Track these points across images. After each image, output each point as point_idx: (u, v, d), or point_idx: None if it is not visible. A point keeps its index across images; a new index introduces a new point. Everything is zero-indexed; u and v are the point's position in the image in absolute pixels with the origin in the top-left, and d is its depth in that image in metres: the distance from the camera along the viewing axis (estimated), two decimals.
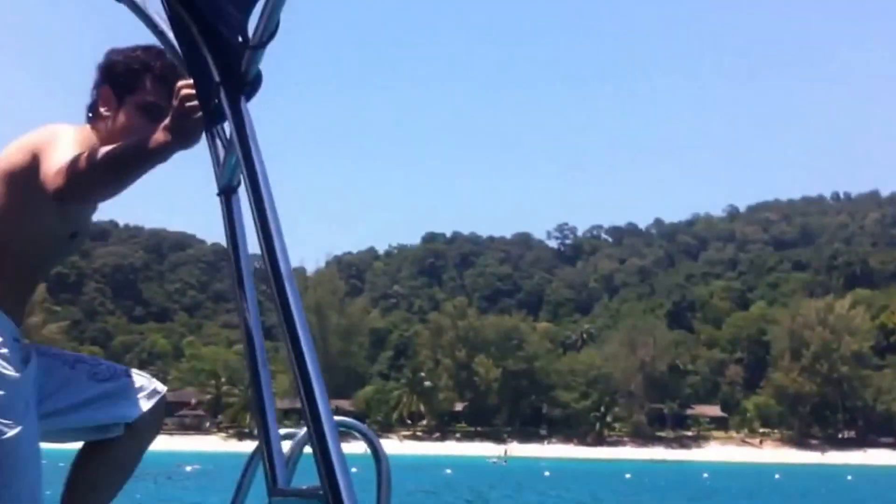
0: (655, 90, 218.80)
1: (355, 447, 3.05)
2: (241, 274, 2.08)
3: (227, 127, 2.37)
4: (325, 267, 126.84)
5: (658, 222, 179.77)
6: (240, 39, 2.15)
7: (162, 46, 2.86)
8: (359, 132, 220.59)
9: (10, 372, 3.04)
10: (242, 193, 2.29)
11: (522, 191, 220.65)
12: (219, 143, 2.53)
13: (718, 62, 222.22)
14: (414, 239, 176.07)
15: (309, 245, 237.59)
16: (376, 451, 4.13)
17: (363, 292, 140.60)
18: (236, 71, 2.15)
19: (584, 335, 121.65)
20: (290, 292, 1.76)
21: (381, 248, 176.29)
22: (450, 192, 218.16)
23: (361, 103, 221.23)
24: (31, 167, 2.96)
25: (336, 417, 1.91)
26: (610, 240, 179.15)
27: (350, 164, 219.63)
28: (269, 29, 2.02)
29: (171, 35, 2.60)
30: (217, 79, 2.18)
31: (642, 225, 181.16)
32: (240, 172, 2.18)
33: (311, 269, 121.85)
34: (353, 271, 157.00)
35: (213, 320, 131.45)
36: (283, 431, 2.47)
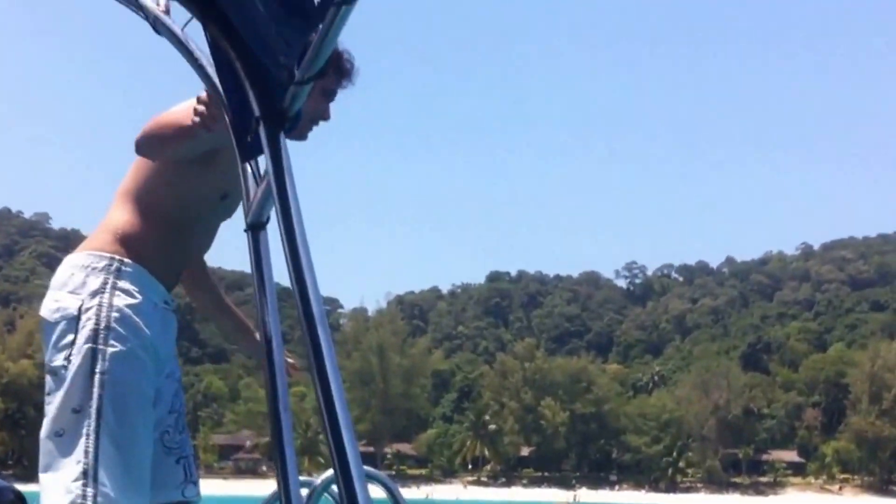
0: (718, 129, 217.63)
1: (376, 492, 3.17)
2: (267, 314, 2.12)
3: (262, 162, 2.50)
4: (387, 307, 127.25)
5: (730, 261, 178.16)
6: (286, 75, 2.10)
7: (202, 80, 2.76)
8: (420, 165, 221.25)
9: (143, 328, 3.18)
10: (270, 230, 2.36)
11: (590, 228, 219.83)
12: (250, 178, 2.61)
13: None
14: (479, 278, 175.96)
15: (370, 285, 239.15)
16: (396, 502, 4.27)
17: (426, 333, 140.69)
18: (278, 106, 2.14)
19: (656, 377, 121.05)
20: (321, 332, 1.62)
21: (445, 288, 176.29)
22: (515, 229, 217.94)
23: (426, 138, 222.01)
24: None
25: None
26: (681, 279, 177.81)
27: (412, 202, 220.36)
28: (317, 65, 1.98)
29: (210, 69, 2.60)
30: (257, 113, 2.17)
31: (713, 264, 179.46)
32: (269, 209, 2.24)
33: (372, 309, 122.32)
34: (415, 311, 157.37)
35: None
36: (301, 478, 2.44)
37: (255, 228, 2.28)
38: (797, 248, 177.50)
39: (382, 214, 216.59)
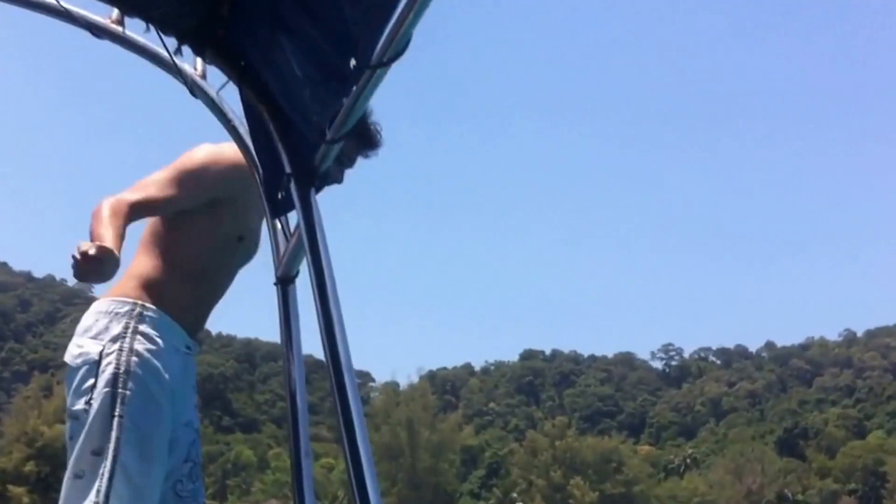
0: (777, 208, 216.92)
1: None
2: (293, 365, 2.41)
3: (292, 218, 2.72)
4: (419, 382, 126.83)
5: (769, 345, 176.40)
6: (318, 134, 2.31)
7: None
8: (453, 246, 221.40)
9: (162, 373, 3.27)
10: (299, 284, 2.69)
11: (627, 309, 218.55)
12: (280, 233, 2.87)
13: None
14: (512, 356, 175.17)
15: (403, 360, 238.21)
16: None
17: (457, 409, 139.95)
18: (309, 164, 2.36)
19: (688, 460, 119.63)
20: (348, 383, 1.78)
21: (478, 365, 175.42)
22: (550, 307, 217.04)
23: (458, 215, 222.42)
24: None
25: None
26: (718, 362, 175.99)
27: (447, 277, 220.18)
28: (349, 125, 2.19)
29: (242, 131, 2.92)
30: (288, 171, 2.41)
31: (753, 348, 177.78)
32: (298, 263, 2.59)
33: (403, 383, 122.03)
34: (447, 387, 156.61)
35: None
36: None
37: (285, 282, 2.58)
38: (840, 335, 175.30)
39: (417, 290, 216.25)
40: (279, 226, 2.82)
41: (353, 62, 2.13)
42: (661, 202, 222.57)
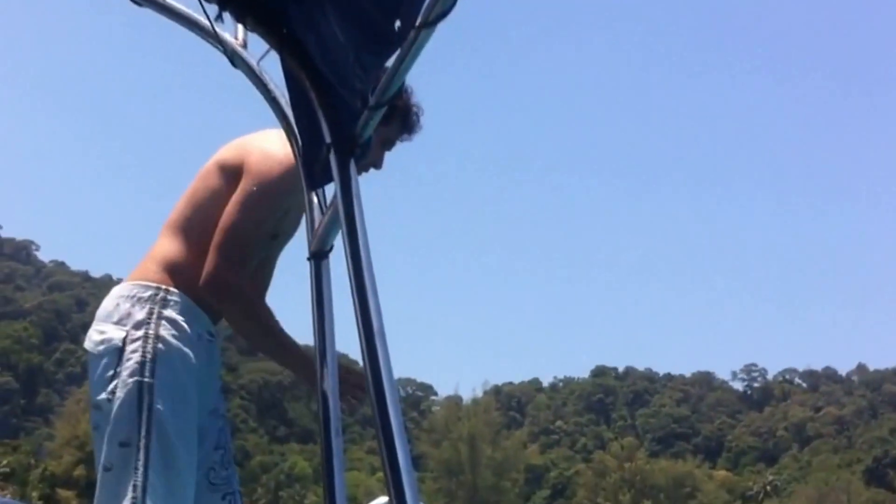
0: (870, 223, 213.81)
1: None
2: (325, 342, 2.45)
3: (329, 191, 2.77)
4: (483, 396, 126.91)
5: (861, 368, 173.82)
6: (360, 100, 2.29)
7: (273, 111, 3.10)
8: (526, 255, 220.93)
9: (189, 359, 3.30)
10: (333, 260, 2.74)
11: (706, 325, 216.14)
12: (316, 207, 2.85)
13: None
14: (583, 372, 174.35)
15: (469, 373, 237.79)
16: None
17: (523, 426, 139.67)
18: (349, 132, 2.31)
19: (768, 487, 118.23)
20: (381, 355, 1.75)
21: (547, 380, 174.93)
22: (624, 321, 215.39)
23: (529, 222, 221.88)
24: (233, 181, 3.44)
25: None
26: (804, 385, 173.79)
27: (517, 287, 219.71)
28: (392, 90, 2.16)
29: (282, 102, 2.92)
30: (328, 140, 2.35)
31: (843, 371, 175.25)
32: (333, 237, 2.51)
33: (467, 396, 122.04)
34: (513, 403, 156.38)
35: (358, 444, 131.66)
36: None
37: (318, 257, 2.54)
38: None
39: (486, 300, 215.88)
40: (315, 200, 2.82)
41: (397, 23, 2.13)
42: (753, 220, 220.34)
